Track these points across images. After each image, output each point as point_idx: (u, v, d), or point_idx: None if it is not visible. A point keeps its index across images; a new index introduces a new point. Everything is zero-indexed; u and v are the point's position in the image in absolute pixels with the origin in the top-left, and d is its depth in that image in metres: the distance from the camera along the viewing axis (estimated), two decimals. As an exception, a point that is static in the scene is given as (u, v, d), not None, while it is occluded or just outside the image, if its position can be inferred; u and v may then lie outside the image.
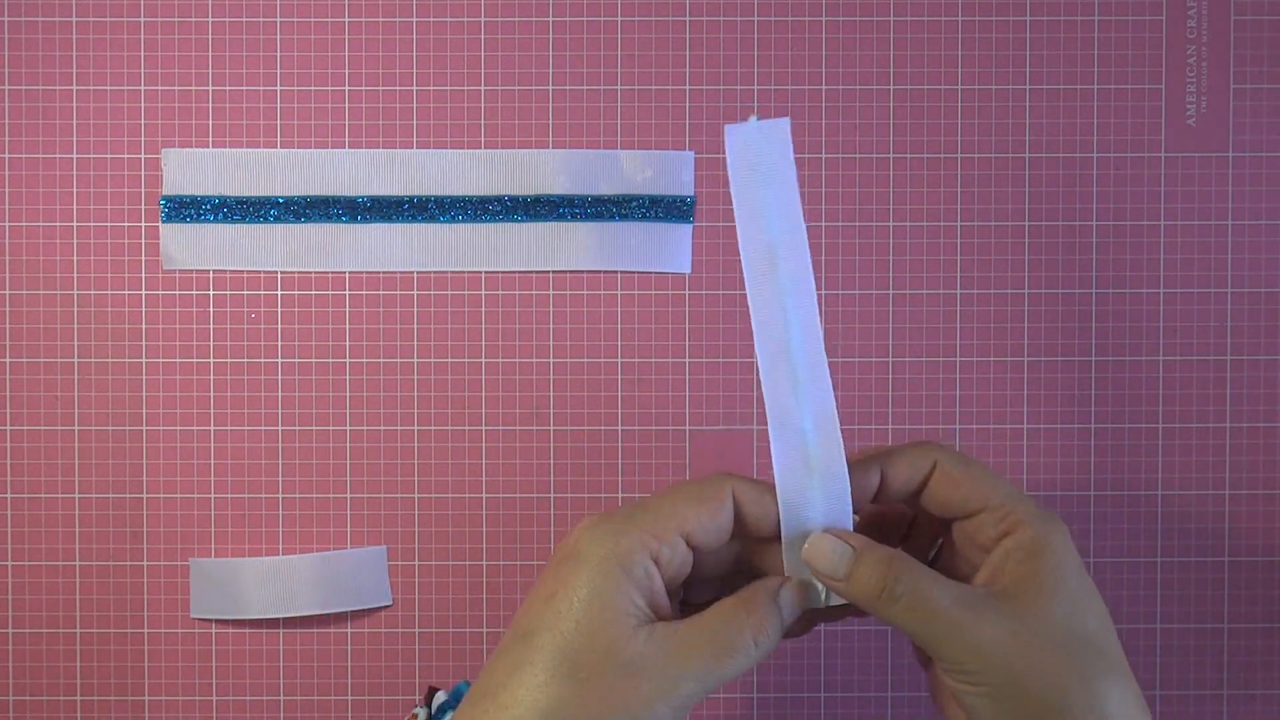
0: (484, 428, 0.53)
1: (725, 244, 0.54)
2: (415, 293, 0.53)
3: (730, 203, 0.54)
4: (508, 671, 0.35)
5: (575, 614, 0.34)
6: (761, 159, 0.38)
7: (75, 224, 0.53)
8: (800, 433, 0.37)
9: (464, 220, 0.53)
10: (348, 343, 0.53)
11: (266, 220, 0.53)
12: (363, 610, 0.53)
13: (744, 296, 0.53)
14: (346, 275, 0.53)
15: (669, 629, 0.35)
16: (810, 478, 0.37)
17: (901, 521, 0.41)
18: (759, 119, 0.38)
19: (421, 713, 0.48)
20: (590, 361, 0.54)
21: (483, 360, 0.53)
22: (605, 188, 0.53)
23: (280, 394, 0.53)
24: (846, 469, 0.37)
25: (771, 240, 0.38)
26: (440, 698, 0.48)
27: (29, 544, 0.53)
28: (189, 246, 0.53)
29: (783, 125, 0.38)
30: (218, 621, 0.53)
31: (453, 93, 0.53)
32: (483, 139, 0.53)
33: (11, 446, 0.53)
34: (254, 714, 0.53)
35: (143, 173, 0.53)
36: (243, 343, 0.53)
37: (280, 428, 0.53)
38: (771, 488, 0.37)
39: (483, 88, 0.53)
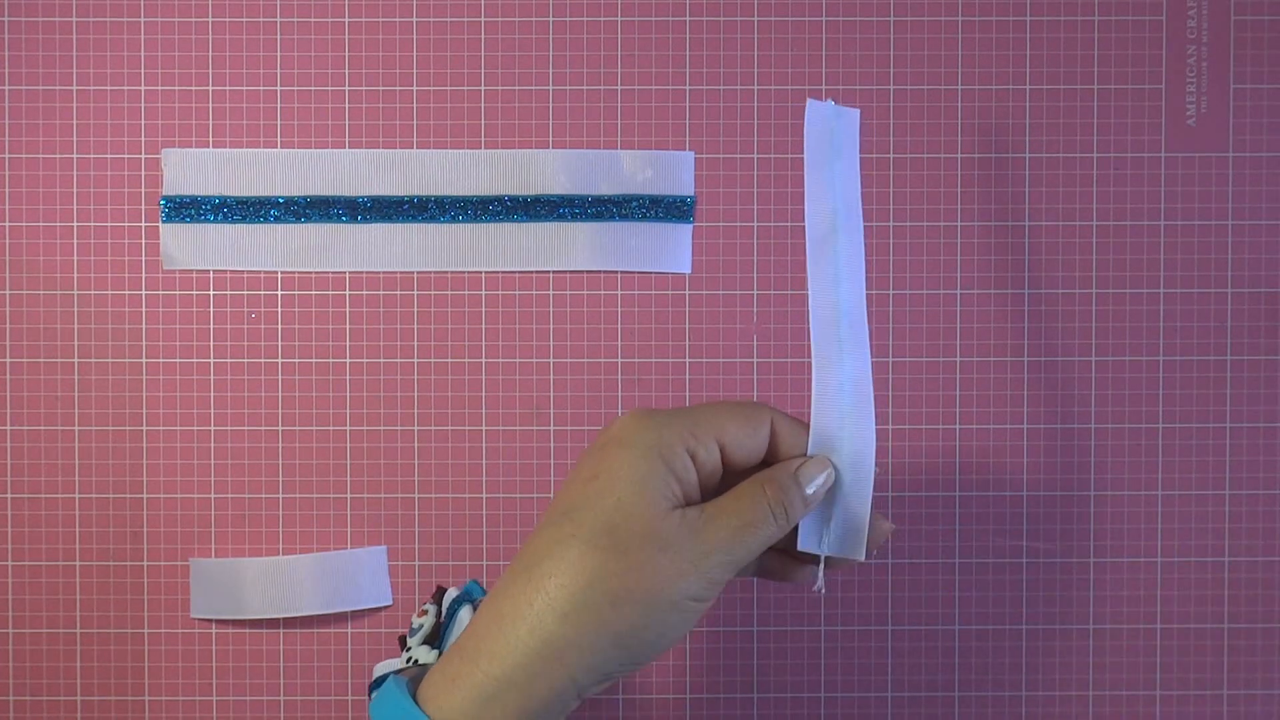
0: (484, 428, 0.53)
1: (725, 244, 0.54)
2: (415, 293, 0.53)
3: (731, 203, 0.54)
4: (550, 544, 0.37)
5: (617, 493, 0.37)
6: (835, 134, 0.42)
7: (75, 224, 0.53)
8: (839, 387, 0.40)
9: (464, 220, 0.53)
10: (348, 343, 0.53)
11: (266, 220, 0.53)
12: (363, 610, 0.53)
13: (743, 297, 0.53)
14: (346, 275, 0.53)
15: (697, 510, 0.38)
16: (841, 427, 0.40)
17: None
18: (835, 103, 0.42)
19: (432, 609, 0.48)
20: (590, 361, 0.54)
21: (483, 360, 0.53)
22: (605, 188, 0.53)
23: (280, 394, 0.53)
24: (874, 424, 0.40)
25: (834, 209, 0.41)
26: (452, 594, 0.48)
27: (29, 544, 0.53)
28: (189, 246, 0.53)
29: (855, 113, 0.42)
30: (218, 621, 0.53)
31: (453, 93, 0.53)
32: (483, 139, 0.53)
33: (11, 446, 0.53)
34: (254, 714, 0.53)
35: (143, 173, 0.53)
36: (243, 343, 0.53)
37: (280, 428, 0.53)
38: (807, 426, 0.40)
39: (483, 88, 0.53)
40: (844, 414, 0.40)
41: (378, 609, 0.53)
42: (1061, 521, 0.54)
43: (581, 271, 0.53)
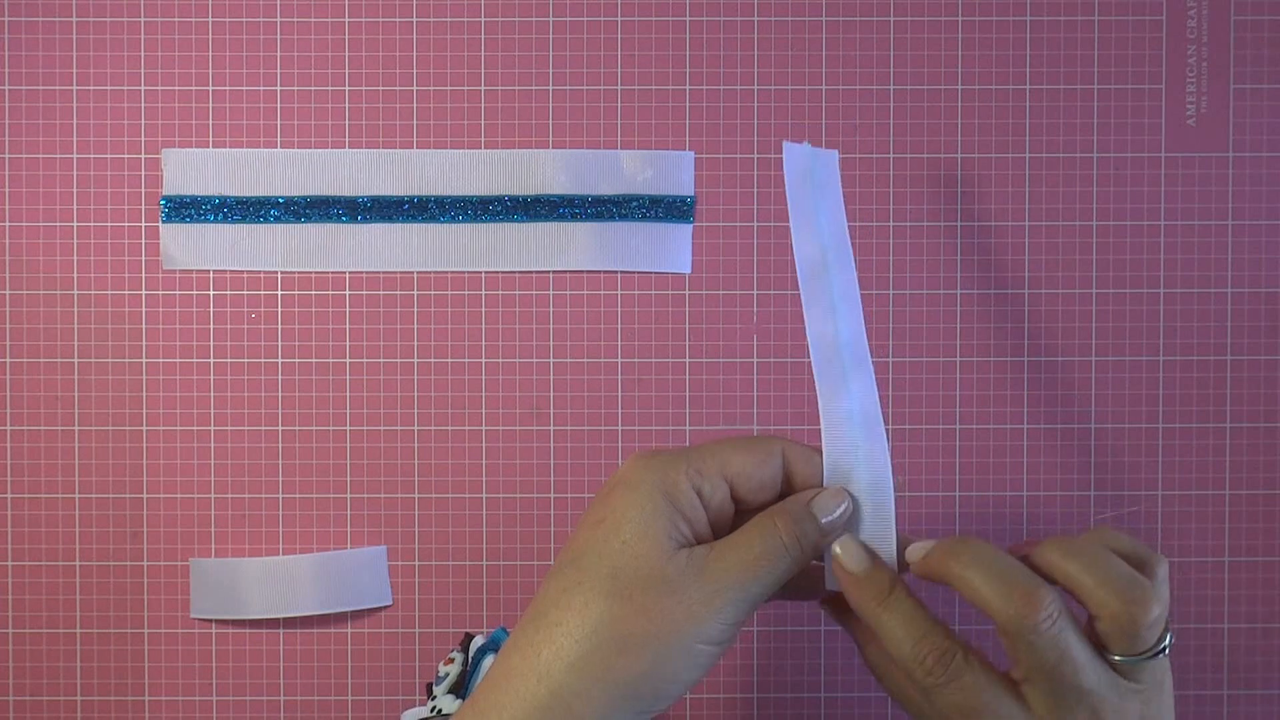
0: (484, 428, 0.53)
1: (725, 244, 0.54)
2: (415, 293, 0.53)
3: (731, 203, 0.54)
4: (558, 592, 0.36)
5: (622, 536, 0.36)
6: (814, 173, 0.42)
7: (75, 224, 0.53)
8: (847, 416, 0.40)
9: (464, 220, 0.53)
10: (348, 343, 0.53)
11: (266, 220, 0.53)
12: (363, 610, 0.53)
13: (743, 296, 0.53)
14: (346, 275, 0.53)
15: (706, 548, 0.37)
16: (855, 457, 0.39)
17: None
18: (811, 146, 0.43)
19: (458, 656, 0.48)
20: (590, 361, 0.54)
21: (483, 360, 0.53)
22: (605, 188, 0.53)
23: (280, 394, 0.53)
24: (887, 449, 0.39)
25: (823, 244, 0.41)
26: (478, 641, 0.48)
27: (29, 544, 0.53)
28: (189, 246, 0.53)
29: (833, 155, 0.43)
30: (218, 621, 0.53)
31: (453, 93, 0.53)
32: (483, 139, 0.53)
33: (11, 446, 0.53)
34: (254, 714, 0.53)
35: (143, 173, 0.53)
36: (243, 343, 0.53)
37: (280, 428, 0.53)
38: (820, 452, 0.39)
39: (483, 88, 0.53)
40: (856, 443, 0.39)
41: (378, 609, 0.53)
42: (1061, 522, 0.54)
43: (581, 271, 0.53)
